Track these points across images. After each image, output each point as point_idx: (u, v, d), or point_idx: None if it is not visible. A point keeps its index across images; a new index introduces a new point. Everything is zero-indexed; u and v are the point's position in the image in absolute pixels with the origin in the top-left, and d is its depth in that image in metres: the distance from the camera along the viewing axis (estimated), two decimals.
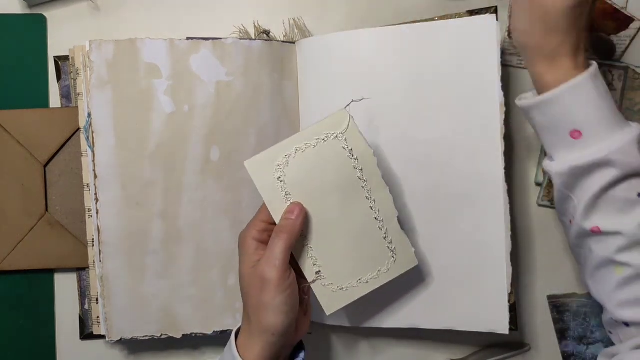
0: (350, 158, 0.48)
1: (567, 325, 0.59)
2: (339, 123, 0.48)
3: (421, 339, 0.61)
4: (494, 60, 0.53)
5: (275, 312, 0.44)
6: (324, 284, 0.49)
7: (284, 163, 0.47)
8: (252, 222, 0.49)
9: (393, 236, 0.50)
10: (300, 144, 0.47)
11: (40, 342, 0.61)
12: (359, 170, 0.48)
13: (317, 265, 0.49)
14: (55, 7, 0.61)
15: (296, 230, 0.46)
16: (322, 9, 0.61)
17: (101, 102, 0.55)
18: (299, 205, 0.47)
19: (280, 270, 0.44)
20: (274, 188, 0.47)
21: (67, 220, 0.59)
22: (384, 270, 0.50)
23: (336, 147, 0.48)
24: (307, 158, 0.47)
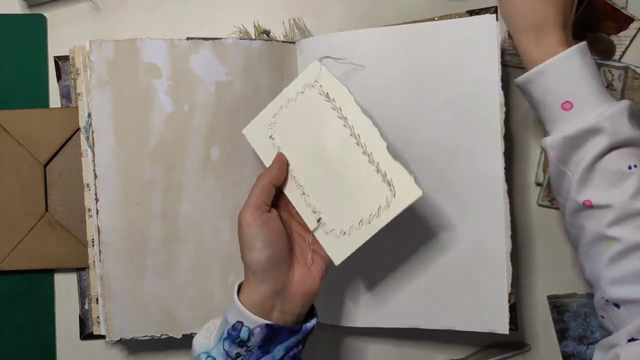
0: (328, 101, 0.49)
1: (567, 325, 0.59)
2: (312, 74, 0.50)
3: (421, 339, 0.61)
4: (494, 60, 0.53)
5: (250, 247, 0.46)
6: (326, 231, 0.48)
7: (273, 122, 0.51)
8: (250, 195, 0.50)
9: (386, 168, 0.46)
10: (283, 101, 0.51)
11: (40, 342, 0.61)
12: (339, 110, 0.49)
13: (316, 212, 0.49)
14: (55, 7, 0.61)
15: (275, 175, 0.48)
16: (322, 9, 0.61)
17: (101, 102, 0.55)
18: (281, 155, 0.50)
19: (251, 207, 0.46)
20: (268, 147, 0.51)
21: (67, 220, 0.59)
22: (384, 207, 0.46)
23: (314, 96, 0.50)
24: (291, 113, 0.50)
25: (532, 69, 0.47)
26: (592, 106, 0.45)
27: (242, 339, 0.45)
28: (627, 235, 0.43)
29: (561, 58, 0.46)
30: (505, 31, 0.59)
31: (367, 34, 0.56)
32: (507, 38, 0.59)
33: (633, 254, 0.43)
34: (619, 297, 0.44)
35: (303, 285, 0.47)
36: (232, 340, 0.45)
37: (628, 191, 0.44)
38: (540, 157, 0.60)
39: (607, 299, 0.45)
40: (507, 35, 0.59)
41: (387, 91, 0.56)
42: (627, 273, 0.43)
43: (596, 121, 0.44)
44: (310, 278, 0.48)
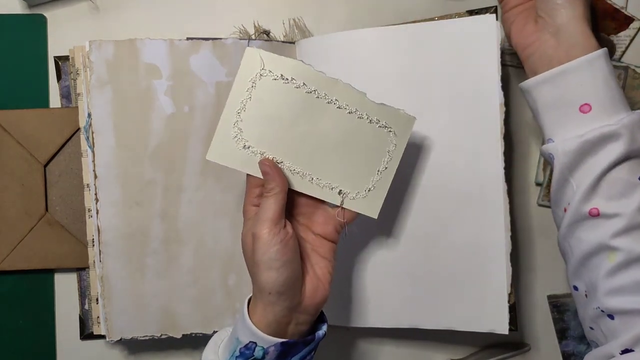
0: (287, 82, 0.47)
1: (567, 325, 0.59)
2: (253, 63, 0.46)
3: (421, 339, 0.61)
4: (494, 60, 0.53)
5: (267, 268, 0.43)
6: (352, 197, 0.48)
7: (238, 131, 0.47)
8: (247, 192, 0.48)
9: (376, 114, 0.48)
10: (237, 106, 0.47)
11: (40, 342, 0.61)
12: (303, 86, 0.47)
13: (335, 188, 0.48)
14: (55, 7, 0.61)
15: (278, 183, 0.46)
16: (322, 9, 0.61)
17: (101, 102, 0.55)
18: (266, 161, 0.47)
19: (269, 224, 0.44)
20: (248, 158, 0.47)
21: (67, 220, 0.59)
22: (392, 148, 0.49)
23: (268, 83, 0.47)
24: (252, 112, 0.47)
25: (554, 69, 0.45)
26: (610, 112, 0.44)
27: (256, 358, 0.44)
28: (630, 246, 0.43)
29: (589, 60, 0.44)
30: None
31: (367, 34, 0.56)
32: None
33: (634, 265, 0.43)
34: (616, 308, 0.43)
35: (316, 296, 0.47)
36: (245, 358, 0.44)
37: (636, 202, 0.43)
38: (540, 157, 0.60)
39: (602, 309, 0.44)
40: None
41: (387, 91, 0.56)
42: (627, 283, 0.43)
43: (616, 128, 0.43)
44: (322, 287, 0.47)
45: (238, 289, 0.57)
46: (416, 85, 0.55)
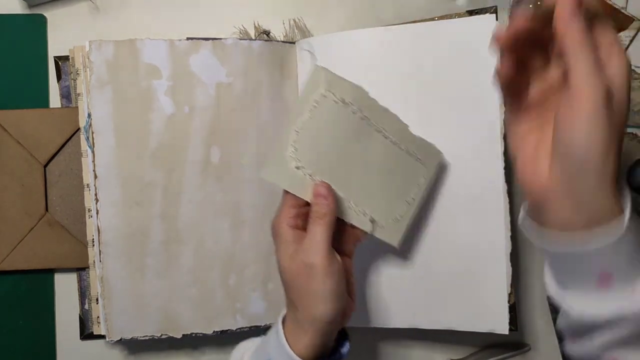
0: (346, 107, 0.47)
1: None
2: (317, 82, 0.46)
3: (421, 339, 0.61)
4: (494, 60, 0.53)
5: (326, 299, 0.43)
6: (381, 225, 0.49)
7: (293, 151, 0.46)
8: (283, 209, 0.46)
9: (414, 147, 0.50)
10: (296, 124, 0.46)
11: (40, 342, 0.61)
12: (359, 111, 0.47)
13: (367, 214, 0.48)
14: (55, 7, 0.61)
15: (331, 210, 0.45)
16: (322, 9, 0.61)
17: (101, 102, 0.55)
18: (324, 185, 0.46)
19: (325, 254, 0.43)
20: (298, 178, 0.46)
21: (67, 220, 0.59)
22: (422, 181, 0.51)
23: (329, 105, 0.46)
24: (309, 133, 0.46)
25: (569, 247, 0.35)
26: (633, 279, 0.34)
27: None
28: None
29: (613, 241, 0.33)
30: None
31: (367, 34, 0.56)
32: None
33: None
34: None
35: (347, 315, 0.47)
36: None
37: None
38: None
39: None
40: None
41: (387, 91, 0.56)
42: None
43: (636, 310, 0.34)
44: (351, 305, 0.47)
45: (238, 289, 0.57)
46: (416, 85, 0.55)
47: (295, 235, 0.45)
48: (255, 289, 0.57)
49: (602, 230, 0.33)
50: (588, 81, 0.32)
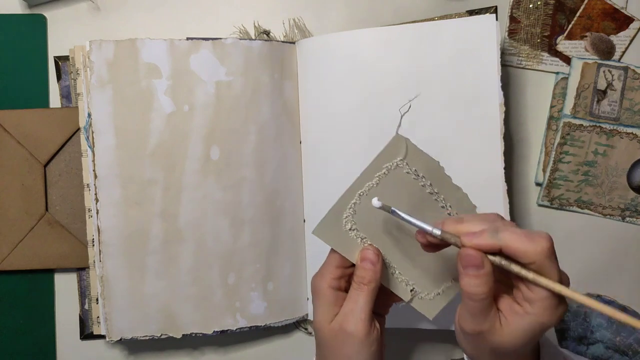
0: (417, 178, 0.45)
1: (567, 325, 0.59)
2: (396, 150, 0.45)
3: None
4: (494, 60, 0.53)
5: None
6: (421, 297, 0.47)
7: (351, 213, 0.45)
8: (327, 269, 0.45)
9: None
10: (362, 188, 0.45)
11: (40, 342, 0.61)
12: (429, 186, 0.46)
13: (409, 285, 0.47)
14: (55, 7, 0.61)
15: (377, 277, 0.44)
16: (322, 9, 0.61)
17: (101, 102, 0.55)
18: (374, 250, 0.44)
19: (365, 323, 0.42)
20: (350, 240, 0.45)
21: (67, 220, 0.59)
22: None
23: (400, 175, 0.45)
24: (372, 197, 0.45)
25: None
26: None
27: None
28: None
29: None
30: (505, 31, 0.59)
31: (367, 34, 0.56)
32: (507, 38, 0.59)
33: None
34: None
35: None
36: None
37: None
38: (540, 156, 0.60)
39: None
40: (506, 35, 0.59)
41: (387, 91, 0.56)
42: None
43: None
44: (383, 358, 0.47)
45: (238, 288, 0.57)
46: (416, 85, 0.55)
47: (337, 297, 0.44)
48: (255, 288, 0.57)
49: None
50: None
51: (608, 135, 0.59)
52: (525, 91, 0.60)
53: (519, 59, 0.59)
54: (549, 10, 0.59)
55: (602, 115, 0.59)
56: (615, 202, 0.60)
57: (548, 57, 0.60)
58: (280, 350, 0.62)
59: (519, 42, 0.59)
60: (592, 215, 0.60)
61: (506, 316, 0.39)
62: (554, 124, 0.60)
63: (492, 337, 0.39)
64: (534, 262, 0.37)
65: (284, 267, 0.58)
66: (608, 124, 0.59)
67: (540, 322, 0.37)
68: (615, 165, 0.59)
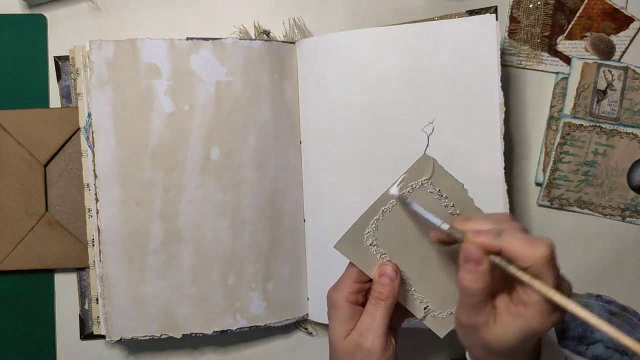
0: (440, 199, 0.46)
1: (567, 325, 0.59)
2: (422, 169, 0.45)
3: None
4: (494, 60, 0.53)
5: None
6: (434, 315, 0.48)
7: (373, 229, 0.46)
8: (344, 282, 0.46)
9: None
10: (385, 204, 0.45)
11: (40, 342, 0.61)
12: (451, 207, 0.46)
13: (423, 302, 0.47)
14: (55, 7, 0.61)
15: (395, 293, 0.44)
16: (322, 9, 0.61)
17: (101, 102, 0.55)
18: (393, 266, 0.45)
19: (382, 339, 0.43)
20: (369, 255, 0.46)
21: (67, 220, 0.59)
22: None
23: (423, 194, 0.45)
24: (395, 215, 0.46)
25: None
26: None
27: None
28: None
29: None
30: (505, 31, 0.59)
31: (367, 34, 0.56)
32: (507, 38, 0.59)
33: None
34: None
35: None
36: None
37: None
38: (540, 157, 0.60)
39: None
40: (506, 35, 0.59)
41: (387, 91, 0.56)
42: None
43: None
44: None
45: (237, 289, 0.57)
46: (416, 85, 0.55)
47: (354, 311, 0.45)
48: (255, 288, 0.58)
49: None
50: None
51: (608, 135, 0.59)
52: (525, 91, 0.60)
53: (519, 59, 0.59)
54: (549, 10, 0.59)
55: (602, 115, 0.59)
56: (615, 202, 0.60)
57: (548, 57, 0.60)
58: (280, 350, 0.62)
59: (519, 42, 0.59)
60: (592, 215, 0.60)
61: (501, 315, 0.39)
62: (554, 124, 0.60)
63: (484, 333, 0.39)
64: (531, 266, 0.37)
65: (284, 267, 0.58)
66: (608, 124, 0.59)
67: (531, 326, 0.38)
68: (615, 165, 0.59)
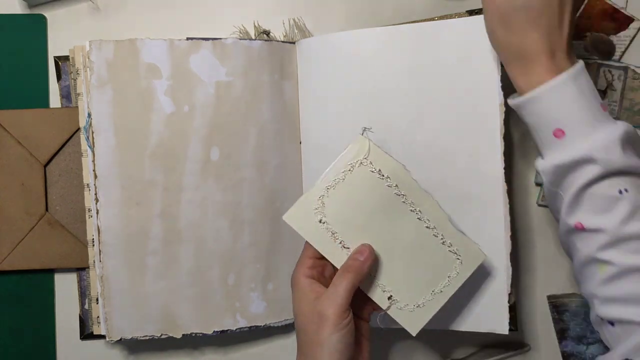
0: (382, 178, 0.48)
1: (566, 325, 0.59)
2: (359, 149, 0.48)
3: (421, 339, 0.61)
4: (494, 60, 0.53)
5: (330, 349, 0.44)
6: (400, 307, 0.49)
7: (320, 205, 0.48)
8: (301, 260, 0.49)
9: (451, 239, 0.49)
10: (329, 182, 0.48)
11: (40, 342, 0.61)
12: (395, 187, 0.48)
13: (386, 291, 0.49)
14: (55, 7, 0.61)
15: (363, 271, 0.47)
16: (322, 9, 0.61)
17: (101, 102, 0.55)
18: (369, 247, 0.48)
19: (340, 308, 0.45)
20: (320, 232, 0.48)
21: (67, 220, 0.59)
22: (454, 275, 0.50)
23: (364, 173, 0.48)
24: (340, 193, 0.48)
25: (522, 97, 0.45)
26: (585, 134, 0.43)
27: None
28: (618, 259, 0.43)
29: (551, 87, 0.44)
30: None
31: (367, 34, 0.56)
32: None
33: (625, 276, 0.43)
34: (613, 317, 0.44)
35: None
36: None
37: (618, 216, 0.43)
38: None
39: (601, 317, 0.45)
40: None
41: (387, 91, 0.56)
42: (620, 295, 0.43)
43: (588, 151, 0.43)
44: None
45: (237, 289, 0.57)
46: (416, 85, 0.55)
47: (311, 283, 0.48)
48: (255, 288, 0.58)
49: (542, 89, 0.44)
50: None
51: None
52: None
53: None
54: None
55: None
56: None
57: None
58: (280, 350, 0.62)
59: None
60: None
61: None
62: None
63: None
64: None
65: (284, 267, 0.58)
66: None
67: None
68: None
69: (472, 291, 0.55)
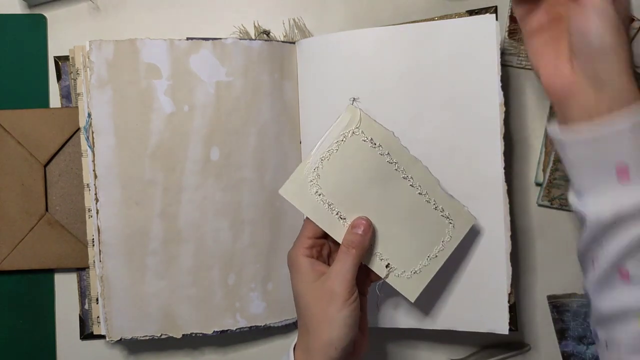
0: (374, 147, 0.48)
1: (566, 325, 0.59)
2: (350, 119, 0.49)
3: (421, 339, 0.61)
4: (494, 60, 0.53)
5: (340, 325, 0.45)
6: (397, 274, 0.50)
7: (316, 177, 0.48)
8: (299, 240, 0.49)
9: (442, 203, 0.50)
10: (322, 153, 0.48)
11: (40, 342, 0.61)
12: (387, 155, 0.49)
13: (384, 259, 0.49)
14: (55, 7, 0.61)
15: (365, 244, 0.47)
16: (322, 9, 0.61)
17: (101, 102, 0.55)
18: (366, 219, 0.48)
19: (349, 283, 0.45)
20: (316, 204, 0.48)
21: (67, 220, 0.59)
22: (447, 239, 0.50)
23: (357, 142, 0.48)
24: (334, 164, 0.48)
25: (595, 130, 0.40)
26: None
27: None
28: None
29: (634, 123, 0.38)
30: (505, 31, 0.59)
31: (367, 34, 0.56)
32: (507, 38, 0.59)
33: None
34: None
35: (361, 349, 0.49)
36: None
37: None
38: (540, 157, 0.60)
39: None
40: (506, 35, 0.59)
41: (387, 91, 0.56)
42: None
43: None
44: (364, 342, 0.49)
45: (237, 289, 0.57)
46: (416, 85, 0.55)
47: (312, 263, 0.47)
48: (255, 288, 0.58)
49: (624, 112, 0.39)
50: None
51: None
52: (525, 91, 0.60)
53: (519, 59, 0.59)
54: None
55: None
56: None
57: None
58: (280, 350, 0.62)
59: (519, 42, 0.59)
60: None
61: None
62: None
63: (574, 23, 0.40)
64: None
65: (284, 267, 0.58)
66: None
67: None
68: None
69: (472, 291, 0.55)
